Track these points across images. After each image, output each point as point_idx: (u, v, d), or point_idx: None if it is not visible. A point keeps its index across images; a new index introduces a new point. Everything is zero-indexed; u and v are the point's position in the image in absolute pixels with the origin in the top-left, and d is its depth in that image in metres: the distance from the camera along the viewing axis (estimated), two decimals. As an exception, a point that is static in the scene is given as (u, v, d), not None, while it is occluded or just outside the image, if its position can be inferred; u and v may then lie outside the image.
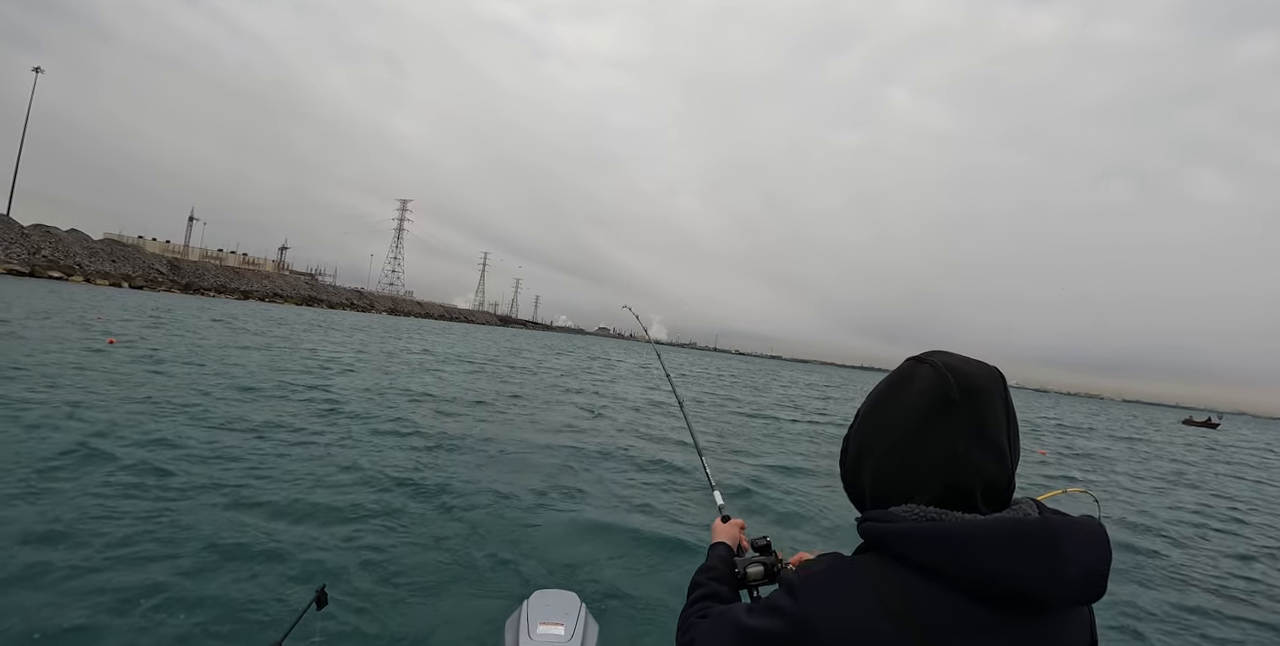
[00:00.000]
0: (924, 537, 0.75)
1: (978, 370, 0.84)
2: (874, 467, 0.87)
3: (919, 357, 0.88)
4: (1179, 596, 5.37)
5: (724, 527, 1.39)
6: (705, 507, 6.47)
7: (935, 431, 0.80)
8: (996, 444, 0.81)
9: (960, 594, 0.73)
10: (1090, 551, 0.74)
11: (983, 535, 0.73)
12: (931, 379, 0.82)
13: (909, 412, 0.83)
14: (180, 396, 8.71)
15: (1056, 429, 25.35)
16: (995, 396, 0.82)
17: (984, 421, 0.80)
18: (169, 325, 21.21)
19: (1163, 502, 10.14)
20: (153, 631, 3.09)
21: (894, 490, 0.83)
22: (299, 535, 4.53)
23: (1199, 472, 15.78)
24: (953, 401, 0.80)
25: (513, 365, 24.14)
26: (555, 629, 1.90)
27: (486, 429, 9.63)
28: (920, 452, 0.82)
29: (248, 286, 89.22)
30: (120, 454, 5.77)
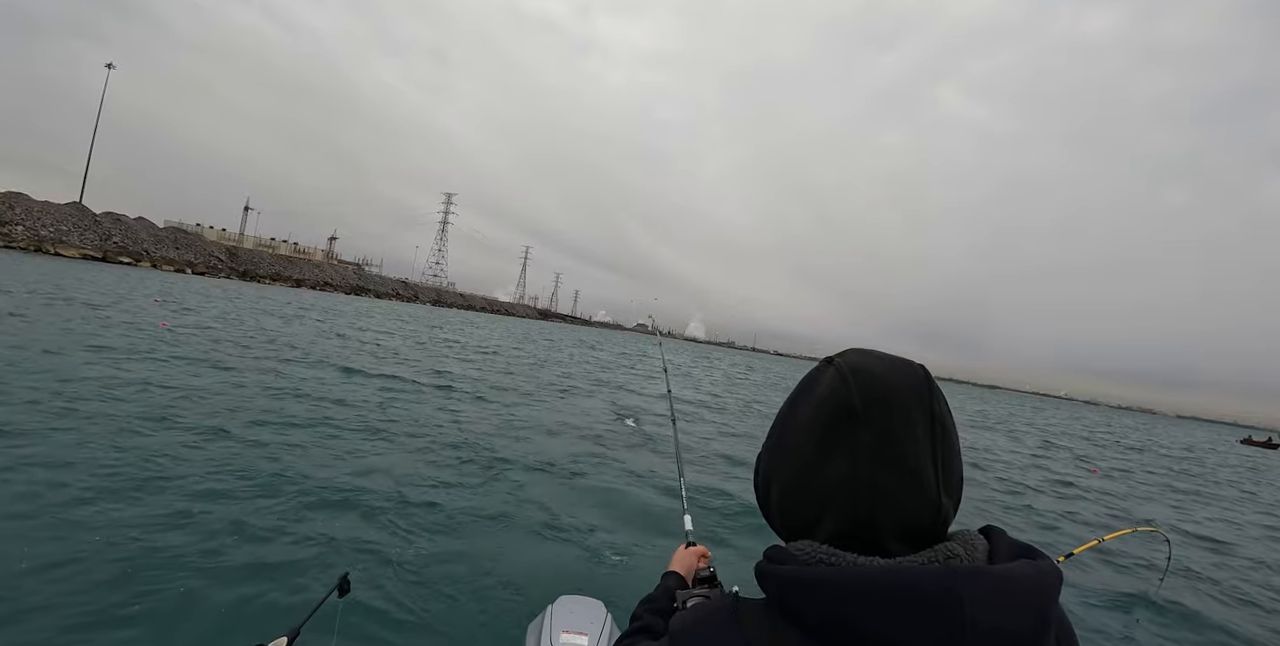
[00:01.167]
0: (795, 586, 0.62)
1: (891, 373, 0.68)
2: (778, 494, 0.74)
3: (830, 357, 0.74)
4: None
5: (683, 554, 1.30)
6: (759, 538, 5.82)
7: (833, 451, 0.67)
8: (912, 466, 0.65)
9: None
10: (1011, 619, 0.58)
11: (862, 589, 0.59)
12: (833, 385, 0.69)
13: (807, 427, 0.70)
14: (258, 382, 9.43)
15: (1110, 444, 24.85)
16: (913, 406, 0.66)
17: (895, 438, 0.65)
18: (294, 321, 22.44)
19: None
20: (176, 608, 3.14)
21: (796, 522, 0.71)
22: (328, 521, 4.58)
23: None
24: (854, 413, 0.66)
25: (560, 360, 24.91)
26: (579, 638, 1.83)
27: (530, 421, 9.90)
28: (818, 477, 0.68)
29: (300, 274, 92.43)
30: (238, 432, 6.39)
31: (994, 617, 0.57)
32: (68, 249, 56.01)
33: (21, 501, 4.06)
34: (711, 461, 8.98)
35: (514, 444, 8.15)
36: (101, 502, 4.23)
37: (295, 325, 21.02)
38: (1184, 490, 13.92)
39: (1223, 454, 33.49)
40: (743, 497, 6.86)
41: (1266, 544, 9.24)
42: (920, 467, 0.65)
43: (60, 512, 3.98)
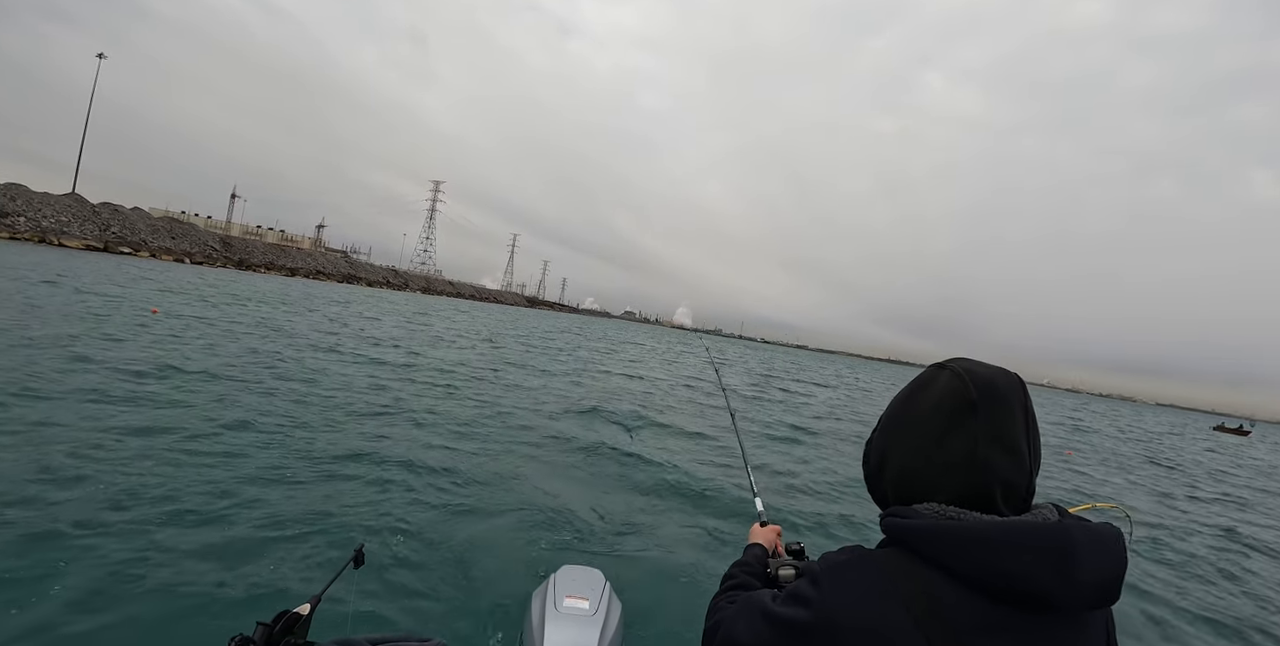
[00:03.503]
0: (943, 535, 0.78)
1: (997, 376, 0.86)
2: (896, 469, 0.91)
3: (941, 364, 0.91)
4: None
5: (761, 531, 1.43)
6: (745, 516, 6.04)
7: (955, 433, 0.84)
8: (1014, 447, 0.83)
9: (976, 591, 0.75)
10: (1105, 558, 0.76)
11: (999, 536, 0.75)
12: (951, 383, 0.86)
13: (930, 416, 0.87)
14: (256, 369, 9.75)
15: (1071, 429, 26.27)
16: (1014, 401, 0.85)
17: (1002, 425, 0.83)
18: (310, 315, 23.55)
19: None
20: (198, 581, 3.31)
21: (915, 491, 0.87)
22: (345, 496, 4.90)
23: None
24: (972, 404, 0.83)
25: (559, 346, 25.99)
26: (580, 602, 1.95)
27: (532, 407, 10.32)
28: (940, 454, 0.84)
29: (293, 263, 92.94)
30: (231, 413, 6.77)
31: (1095, 559, 0.75)
32: (71, 240, 56.70)
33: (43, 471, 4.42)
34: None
35: (516, 429, 8.45)
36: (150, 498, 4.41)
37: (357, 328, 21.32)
38: (1144, 473, 14.89)
39: (1191, 439, 34.36)
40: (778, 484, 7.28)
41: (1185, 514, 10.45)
42: (1020, 448, 0.83)
43: (64, 491, 4.18)
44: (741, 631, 0.91)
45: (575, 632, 1.84)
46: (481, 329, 31.86)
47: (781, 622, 0.84)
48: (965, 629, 0.75)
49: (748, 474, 2.06)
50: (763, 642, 0.86)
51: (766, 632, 0.86)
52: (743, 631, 0.90)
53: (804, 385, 26.65)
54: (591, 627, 1.86)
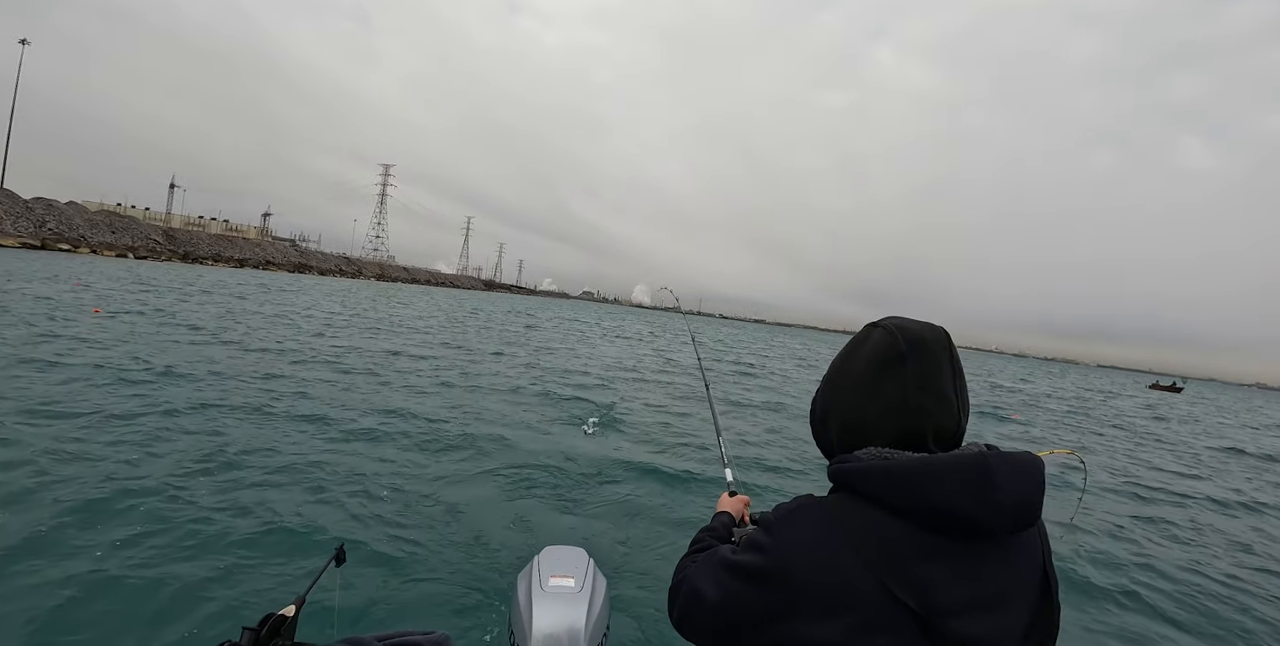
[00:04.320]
0: (876, 473, 0.86)
1: (925, 330, 0.95)
2: (838, 419, 0.99)
3: (874, 323, 1.01)
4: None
5: (730, 501, 1.48)
6: (715, 485, 6.44)
7: (888, 382, 0.92)
8: (942, 393, 0.92)
9: (912, 523, 0.83)
10: (1022, 482, 0.84)
11: (924, 469, 0.84)
12: (884, 339, 0.95)
13: (865, 368, 0.95)
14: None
15: (1007, 390, 27.78)
16: (940, 353, 0.93)
17: (930, 373, 0.92)
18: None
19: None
20: (177, 590, 3.26)
21: (856, 438, 0.95)
22: (318, 493, 4.86)
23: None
24: (902, 356, 0.92)
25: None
26: (566, 581, 1.98)
27: (502, 390, 10.45)
28: (876, 402, 0.93)
29: (240, 254, 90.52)
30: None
31: (1013, 483, 0.83)
32: (5, 238, 54.61)
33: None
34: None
35: (483, 419, 8.46)
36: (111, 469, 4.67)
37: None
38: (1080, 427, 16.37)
39: (1127, 397, 36.74)
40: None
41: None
42: (947, 394, 0.92)
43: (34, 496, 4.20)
44: (705, 584, 0.96)
45: (563, 610, 1.86)
46: (438, 313, 31.56)
47: (740, 569, 0.91)
48: (905, 558, 0.82)
49: (719, 444, 2.08)
50: (725, 592, 0.92)
51: (727, 581, 0.92)
52: (706, 583, 0.96)
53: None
54: (578, 604, 1.90)
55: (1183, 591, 4.93)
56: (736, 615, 0.90)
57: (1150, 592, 4.80)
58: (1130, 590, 4.78)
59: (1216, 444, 16.18)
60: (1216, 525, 7.30)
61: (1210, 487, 9.60)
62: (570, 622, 1.83)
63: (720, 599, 0.93)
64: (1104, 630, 4.16)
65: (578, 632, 1.82)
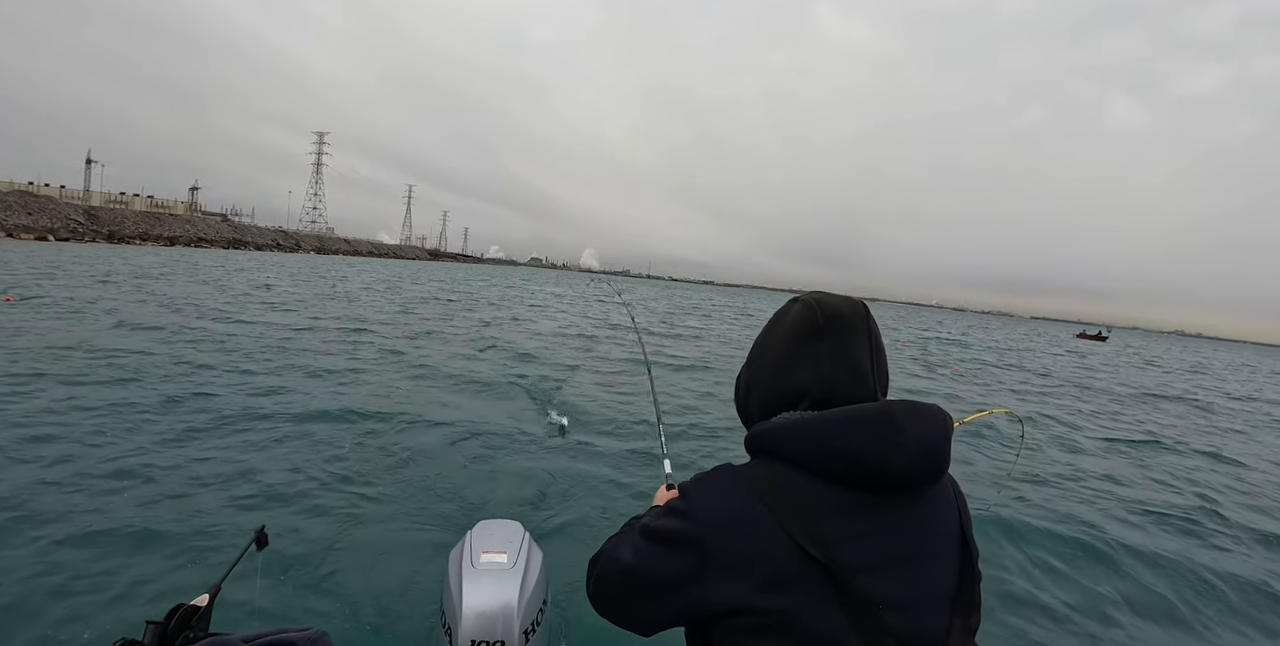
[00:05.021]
0: (786, 431, 0.89)
1: (843, 304, 0.97)
2: (758, 394, 1.01)
3: (796, 297, 1.02)
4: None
5: (666, 494, 1.44)
6: (656, 458, 5.99)
7: (804, 355, 0.95)
8: (857, 365, 0.94)
9: (825, 480, 0.85)
10: (927, 427, 0.87)
11: (831, 418, 0.87)
12: (803, 313, 0.97)
13: (784, 340, 0.98)
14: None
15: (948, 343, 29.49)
16: (858, 326, 0.96)
17: (846, 346, 0.94)
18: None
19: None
20: (87, 574, 3.10)
21: (774, 409, 0.97)
22: (233, 474, 4.58)
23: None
24: (819, 330, 0.94)
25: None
26: (498, 556, 1.93)
27: (435, 365, 10.17)
28: (793, 373, 0.95)
29: (170, 232, 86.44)
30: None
31: (918, 427, 0.86)
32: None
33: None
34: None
35: (417, 391, 8.41)
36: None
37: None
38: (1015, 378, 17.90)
39: (1053, 348, 39.02)
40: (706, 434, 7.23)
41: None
42: (863, 367, 0.94)
43: None
44: (621, 550, 0.97)
45: (494, 588, 1.80)
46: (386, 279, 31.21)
47: (656, 533, 0.91)
48: (818, 514, 0.83)
49: (659, 432, 2.01)
50: (643, 557, 0.92)
51: (643, 545, 0.93)
52: (623, 550, 0.97)
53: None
54: (510, 580, 1.84)
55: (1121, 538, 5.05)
56: (651, 578, 0.91)
57: (1094, 540, 4.89)
58: (1074, 538, 4.89)
59: (1136, 390, 17.67)
60: (1141, 465, 8.07)
61: (1127, 428, 10.70)
62: (503, 599, 1.78)
63: (635, 562, 0.93)
64: (1031, 581, 4.17)
65: (510, 608, 1.77)
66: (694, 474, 0.96)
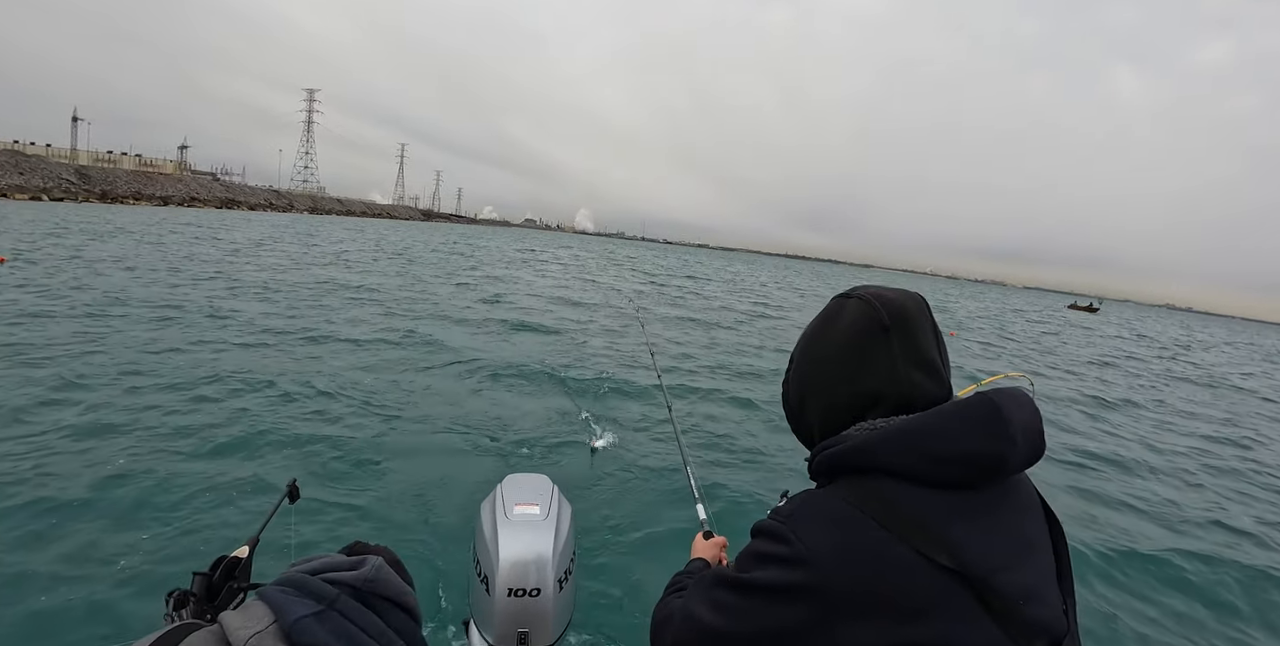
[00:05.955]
0: (877, 442, 0.80)
1: (905, 298, 0.91)
2: (819, 402, 0.92)
3: (845, 293, 0.94)
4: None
5: (704, 545, 1.34)
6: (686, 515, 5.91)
7: (873, 358, 0.87)
8: (931, 363, 0.88)
9: (930, 485, 0.78)
10: (1026, 414, 0.82)
11: (935, 420, 0.80)
12: (862, 310, 0.89)
13: (846, 344, 0.89)
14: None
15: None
16: (924, 320, 0.90)
17: (917, 344, 0.88)
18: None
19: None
20: (124, 539, 3.19)
21: (842, 418, 0.89)
22: (266, 430, 4.67)
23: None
24: (886, 328, 0.87)
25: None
26: (531, 508, 1.95)
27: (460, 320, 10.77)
28: (861, 380, 0.87)
29: (163, 192, 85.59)
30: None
31: (1020, 414, 0.81)
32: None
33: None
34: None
35: (435, 351, 8.63)
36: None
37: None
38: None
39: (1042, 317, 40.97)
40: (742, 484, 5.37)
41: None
42: (935, 364, 0.89)
43: None
44: (704, 612, 0.85)
45: (529, 538, 1.83)
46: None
47: (757, 587, 0.80)
48: (942, 525, 0.76)
49: (687, 474, 1.91)
50: (739, 616, 0.81)
51: (740, 604, 0.81)
52: (705, 612, 0.85)
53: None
54: (545, 531, 1.87)
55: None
56: (755, 639, 0.80)
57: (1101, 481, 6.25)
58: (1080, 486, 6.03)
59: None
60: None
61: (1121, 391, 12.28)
62: (538, 549, 1.81)
63: (729, 624, 0.82)
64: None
65: (545, 558, 1.80)
66: (769, 511, 0.87)
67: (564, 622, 1.86)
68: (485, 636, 1.81)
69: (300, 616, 0.71)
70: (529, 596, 1.75)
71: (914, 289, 0.95)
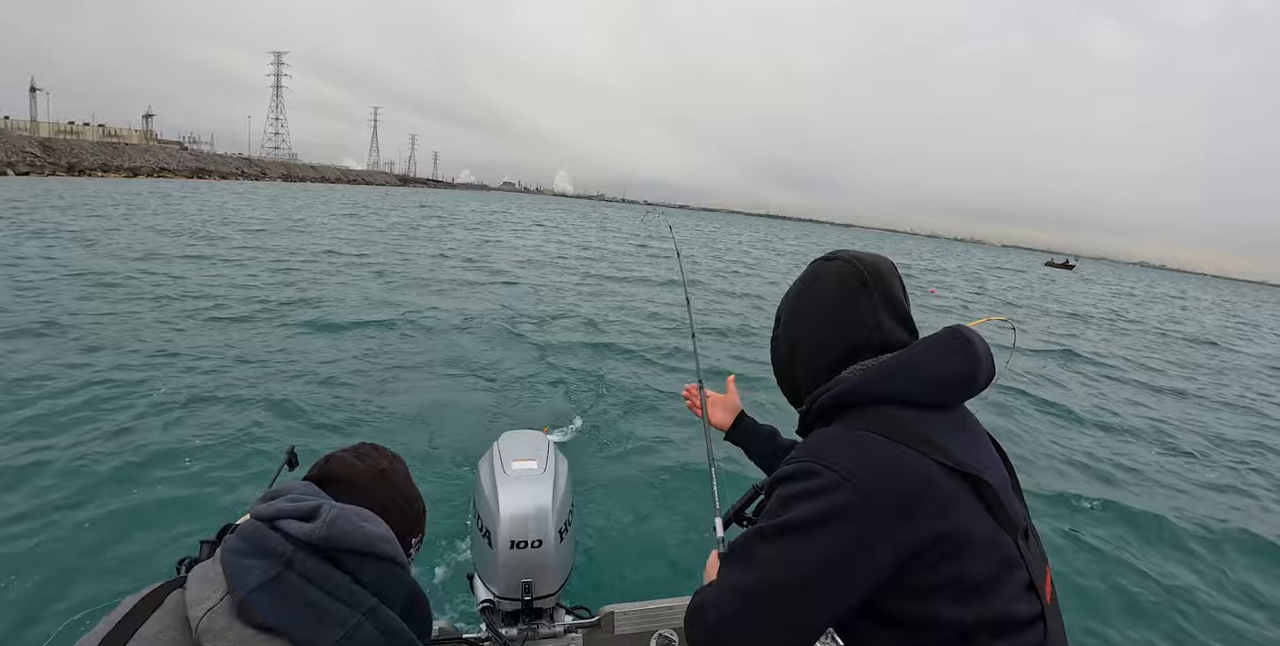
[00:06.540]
0: (876, 377, 0.95)
1: (877, 259, 1.06)
2: (808, 354, 1.06)
3: (825, 257, 1.09)
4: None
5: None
6: (675, 358, 6.72)
7: (859, 307, 1.02)
8: (904, 312, 1.05)
9: (922, 408, 0.93)
10: (984, 345, 0.97)
11: (918, 352, 0.96)
12: (845, 268, 1.04)
13: (832, 299, 1.04)
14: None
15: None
16: (895, 276, 1.06)
17: (892, 295, 1.03)
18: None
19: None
20: (133, 510, 3.23)
21: (829, 361, 1.03)
22: (259, 397, 4.70)
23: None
24: (866, 283, 1.02)
25: None
26: (529, 463, 1.97)
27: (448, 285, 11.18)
28: (848, 329, 1.02)
29: (131, 163, 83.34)
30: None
31: (979, 341, 0.97)
32: None
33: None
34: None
35: (423, 316, 8.81)
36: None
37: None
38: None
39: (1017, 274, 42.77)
40: None
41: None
42: (906, 312, 1.06)
43: None
44: (743, 576, 0.86)
45: (529, 492, 1.86)
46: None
47: (802, 525, 0.82)
48: (936, 435, 0.90)
49: (711, 475, 1.66)
50: (790, 557, 0.82)
51: (785, 549, 0.83)
52: (744, 574, 0.86)
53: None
54: (543, 485, 1.90)
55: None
56: (815, 572, 0.81)
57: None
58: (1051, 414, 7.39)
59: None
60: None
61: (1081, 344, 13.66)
62: (538, 502, 1.84)
63: (782, 576, 0.83)
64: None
65: (545, 511, 1.83)
66: (802, 460, 0.90)
67: (565, 571, 1.91)
68: (490, 588, 1.85)
69: (253, 588, 0.67)
70: (531, 548, 1.79)
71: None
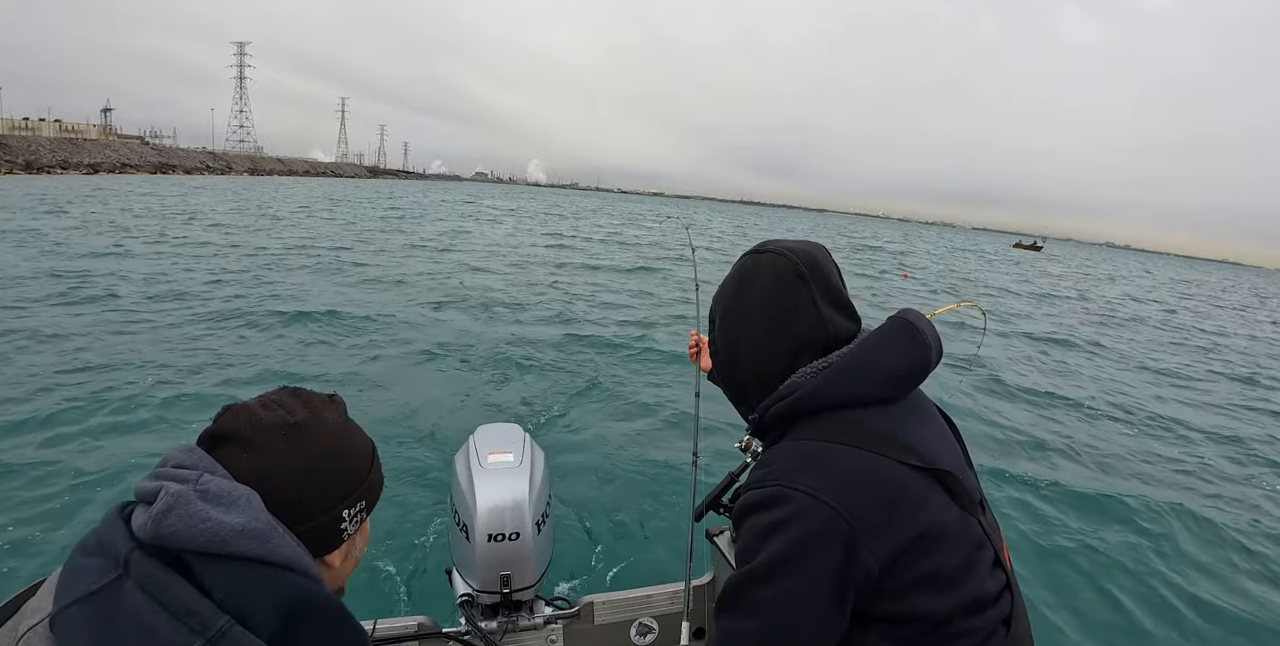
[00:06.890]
0: (829, 382, 0.90)
1: (810, 247, 1.01)
2: (751, 355, 1.00)
3: (755, 250, 1.03)
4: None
5: None
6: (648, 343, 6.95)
7: (798, 303, 0.96)
8: (844, 300, 1.00)
9: (872, 405, 0.90)
10: (926, 323, 0.95)
11: (869, 348, 0.93)
12: (778, 262, 0.97)
13: (769, 295, 0.97)
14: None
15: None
16: (830, 264, 1.00)
17: (830, 285, 0.98)
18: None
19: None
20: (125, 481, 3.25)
21: (777, 367, 0.97)
22: (224, 388, 4.78)
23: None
24: (802, 276, 0.96)
25: None
26: (505, 456, 1.95)
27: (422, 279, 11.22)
28: (792, 324, 0.96)
29: (91, 159, 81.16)
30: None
31: (924, 325, 0.95)
32: None
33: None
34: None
35: (395, 305, 8.96)
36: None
37: None
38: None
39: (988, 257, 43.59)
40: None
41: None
42: (846, 300, 1.01)
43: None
44: (747, 623, 0.83)
45: (506, 485, 1.85)
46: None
47: (786, 559, 0.81)
48: (898, 432, 0.89)
49: (693, 475, 1.85)
50: (782, 600, 0.81)
51: (776, 588, 0.81)
52: (748, 623, 0.83)
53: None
54: (520, 477, 1.88)
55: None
56: (812, 596, 0.80)
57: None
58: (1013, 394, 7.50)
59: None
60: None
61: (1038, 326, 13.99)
62: (514, 495, 1.83)
63: (784, 614, 0.81)
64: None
65: (522, 503, 1.82)
66: (767, 484, 0.87)
67: (544, 563, 1.91)
68: (469, 582, 1.85)
69: (71, 601, 0.55)
70: (509, 540, 1.78)
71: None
